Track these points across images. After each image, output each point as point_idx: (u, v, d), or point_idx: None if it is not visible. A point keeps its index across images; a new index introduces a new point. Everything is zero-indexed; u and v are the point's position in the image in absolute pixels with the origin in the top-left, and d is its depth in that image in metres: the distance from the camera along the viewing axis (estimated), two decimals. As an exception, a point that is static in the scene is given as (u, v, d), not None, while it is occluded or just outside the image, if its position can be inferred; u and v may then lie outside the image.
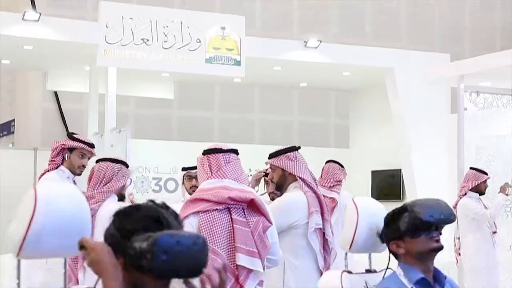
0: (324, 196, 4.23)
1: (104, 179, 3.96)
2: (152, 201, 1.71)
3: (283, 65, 8.92)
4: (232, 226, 3.02)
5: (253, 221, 3.06)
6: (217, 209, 3.01)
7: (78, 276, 3.80)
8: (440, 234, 2.44)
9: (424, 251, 2.40)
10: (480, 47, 9.73)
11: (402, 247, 2.45)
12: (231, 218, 3.03)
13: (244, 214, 3.07)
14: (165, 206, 1.69)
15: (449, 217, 2.43)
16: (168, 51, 7.72)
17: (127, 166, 4.12)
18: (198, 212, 3.00)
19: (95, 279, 1.65)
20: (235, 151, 3.23)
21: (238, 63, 7.97)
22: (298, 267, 3.67)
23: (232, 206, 3.04)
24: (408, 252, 2.44)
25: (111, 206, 3.78)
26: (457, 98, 7.89)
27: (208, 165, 3.15)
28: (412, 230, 2.41)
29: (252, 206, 3.09)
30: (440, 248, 2.42)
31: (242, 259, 3.00)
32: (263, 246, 3.06)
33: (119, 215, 1.68)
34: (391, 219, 2.51)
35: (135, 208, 1.67)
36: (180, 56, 7.77)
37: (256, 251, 3.03)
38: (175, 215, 1.69)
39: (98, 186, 3.95)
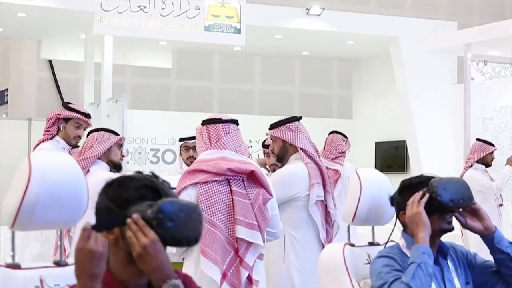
0: (327, 168, 4.17)
1: (87, 146, 3.99)
2: (139, 172, 1.69)
3: (285, 33, 8.79)
4: (232, 198, 2.99)
5: (253, 193, 3.03)
6: (216, 180, 2.97)
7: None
8: (454, 215, 2.37)
9: (434, 231, 2.32)
10: (489, 16, 9.48)
11: None
12: (230, 189, 3.00)
13: (244, 186, 3.03)
14: (154, 176, 1.68)
15: (468, 203, 2.35)
16: (166, 19, 7.61)
17: (117, 135, 4.10)
18: (197, 183, 2.96)
19: None
20: (235, 122, 3.19)
21: (238, 31, 7.85)
22: (299, 240, 3.65)
23: (231, 177, 3.01)
24: None
25: (99, 174, 3.76)
26: (464, 67, 7.75)
27: (207, 135, 3.10)
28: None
29: (252, 177, 3.06)
30: (451, 230, 2.36)
31: (242, 232, 2.96)
32: (263, 218, 3.02)
33: (112, 186, 1.65)
34: (407, 187, 2.41)
35: (127, 178, 1.65)
36: (179, 24, 7.67)
37: (256, 223, 2.99)
38: (168, 184, 1.69)
39: (82, 154, 3.97)
